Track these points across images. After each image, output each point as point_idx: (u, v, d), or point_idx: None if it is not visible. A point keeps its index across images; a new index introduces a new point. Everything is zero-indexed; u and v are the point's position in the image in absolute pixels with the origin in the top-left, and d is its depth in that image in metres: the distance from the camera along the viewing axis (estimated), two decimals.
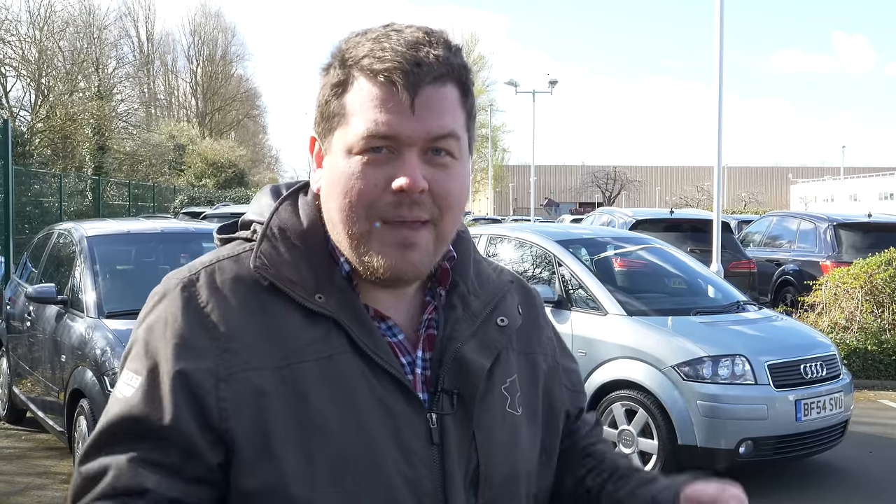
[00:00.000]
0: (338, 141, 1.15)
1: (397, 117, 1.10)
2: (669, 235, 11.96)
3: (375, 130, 1.11)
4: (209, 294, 1.13)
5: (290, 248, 1.17)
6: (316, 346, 1.12)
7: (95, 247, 6.63)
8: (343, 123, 1.14)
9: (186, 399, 1.08)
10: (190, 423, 1.07)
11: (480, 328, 1.25)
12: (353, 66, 1.13)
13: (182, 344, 1.10)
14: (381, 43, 1.12)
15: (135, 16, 59.83)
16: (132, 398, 1.10)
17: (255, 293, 1.14)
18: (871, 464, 7.09)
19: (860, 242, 13.10)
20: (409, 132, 1.11)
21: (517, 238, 7.85)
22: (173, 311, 1.12)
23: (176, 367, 1.09)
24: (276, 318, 1.13)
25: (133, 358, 1.13)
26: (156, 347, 1.11)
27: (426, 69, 1.11)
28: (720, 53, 11.98)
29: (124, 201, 28.34)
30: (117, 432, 1.09)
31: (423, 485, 1.14)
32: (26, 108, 29.56)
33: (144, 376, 1.10)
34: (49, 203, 19.67)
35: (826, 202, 78.60)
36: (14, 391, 7.53)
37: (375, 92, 1.11)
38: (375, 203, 1.12)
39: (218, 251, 1.22)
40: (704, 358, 6.15)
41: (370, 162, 1.12)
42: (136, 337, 1.15)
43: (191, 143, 46.05)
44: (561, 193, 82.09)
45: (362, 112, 1.12)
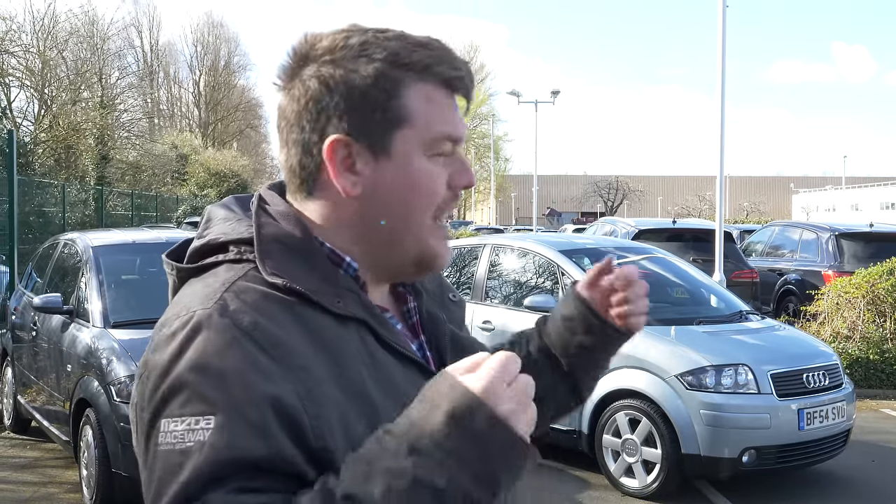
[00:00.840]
0: (403, 143, 1.15)
1: (459, 119, 1.20)
2: (672, 245, 11.99)
3: (450, 132, 1.18)
4: (249, 316, 1.06)
5: (295, 259, 1.15)
6: (357, 349, 1.12)
7: (101, 257, 6.67)
8: (409, 125, 1.15)
9: (281, 423, 1.00)
10: (290, 448, 1.00)
11: (445, 307, 1.35)
12: (414, 70, 1.15)
13: (254, 370, 1.02)
14: (434, 50, 1.18)
15: (139, 26, 60.12)
16: (214, 439, 0.98)
17: (287, 308, 1.10)
18: (873, 473, 7.10)
19: (862, 252, 13.12)
20: (463, 135, 1.21)
21: (520, 248, 7.88)
22: (223, 341, 1.03)
23: (260, 393, 1.00)
24: (316, 329, 1.10)
25: (187, 401, 1.01)
26: (221, 382, 1.01)
27: (469, 78, 1.21)
28: (722, 64, 12.03)
29: (127, 211, 28.37)
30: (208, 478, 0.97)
31: None
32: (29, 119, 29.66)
33: (221, 413, 0.99)
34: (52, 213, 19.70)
35: (828, 212, 78.58)
36: (19, 401, 7.55)
37: (444, 96, 1.18)
38: (443, 200, 1.19)
39: (212, 282, 1.13)
40: (707, 367, 6.17)
41: (438, 163, 1.18)
42: (181, 380, 1.02)
43: (193, 153, 46.15)
44: (563, 203, 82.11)
45: (435, 115, 1.16)
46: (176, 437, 1.00)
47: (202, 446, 0.98)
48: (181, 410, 1.01)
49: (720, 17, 12.00)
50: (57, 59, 29.91)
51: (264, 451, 0.99)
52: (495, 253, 8.02)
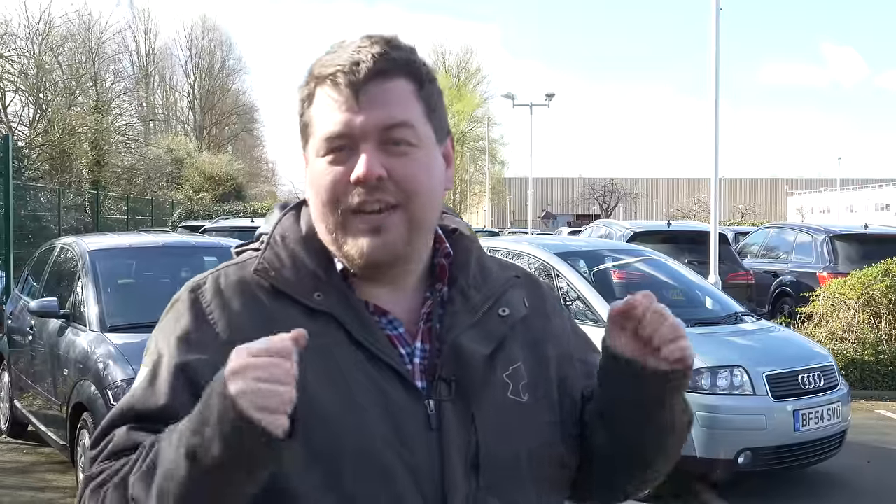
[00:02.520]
0: (310, 148, 1.27)
1: (347, 115, 1.21)
2: (667, 247, 12.00)
3: (331, 130, 1.22)
4: (212, 295, 1.25)
5: (290, 253, 1.28)
6: (313, 338, 1.12)
7: (97, 261, 6.67)
8: (312, 132, 1.26)
9: (185, 386, 1.18)
10: (186, 407, 1.10)
11: (481, 319, 1.30)
12: (311, 80, 1.26)
13: (184, 338, 1.22)
14: (332, 54, 1.24)
15: (134, 30, 60.07)
16: (136, 388, 1.23)
17: (257, 294, 1.25)
18: (868, 474, 7.12)
19: (857, 253, 13.15)
20: (359, 126, 1.20)
21: (516, 250, 7.90)
22: (181, 311, 1.26)
23: (176, 359, 1.21)
24: (275, 315, 1.21)
25: (146, 354, 1.27)
26: (163, 343, 1.24)
27: (364, 66, 1.21)
28: (716, 66, 12.06)
29: (122, 215, 28.37)
30: (122, 415, 1.22)
31: (421, 469, 1.19)
32: (24, 123, 29.60)
33: (150, 367, 1.23)
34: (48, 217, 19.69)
35: (823, 213, 78.72)
36: (16, 405, 7.54)
37: (327, 96, 1.23)
38: (342, 196, 1.21)
39: (228, 261, 1.35)
40: (703, 369, 6.18)
41: (334, 161, 1.23)
42: (151, 336, 1.29)
43: (188, 157, 46.09)
44: (558, 206, 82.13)
45: (320, 117, 1.24)
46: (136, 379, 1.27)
47: (132, 391, 1.24)
48: (143, 361, 1.27)
49: (713, 20, 12.02)
50: (52, 63, 29.87)
51: (160, 402, 1.18)
52: None
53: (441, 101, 1.30)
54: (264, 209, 31.28)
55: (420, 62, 1.26)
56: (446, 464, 1.20)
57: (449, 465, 1.20)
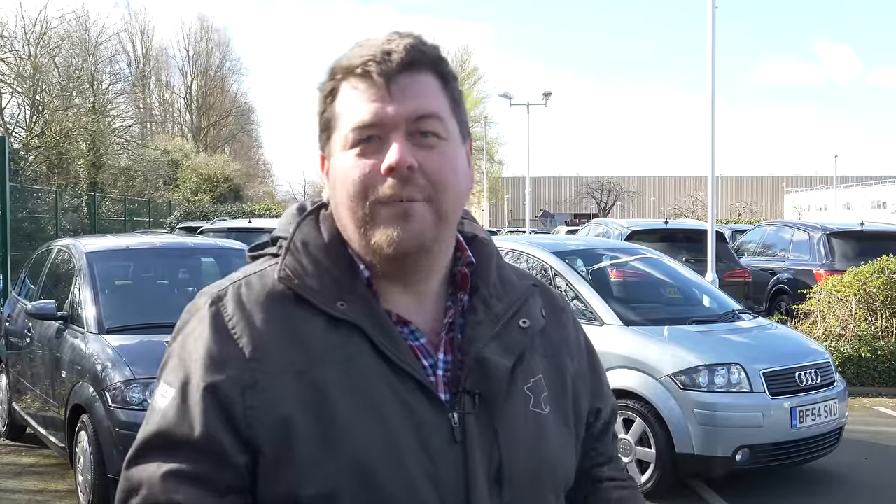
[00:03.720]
0: (334, 143, 1.24)
1: (378, 104, 1.19)
2: (664, 245, 12.03)
3: (361, 120, 1.19)
4: (234, 309, 1.21)
5: (313, 260, 1.23)
6: (337, 349, 1.18)
7: (95, 263, 6.67)
8: (336, 126, 1.23)
9: (215, 409, 1.15)
10: (219, 432, 1.14)
11: (503, 330, 1.29)
12: (337, 73, 1.23)
13: (209, 357, 1.17)
14: (359, 47, 1.23)
15: (131, 31, 59.99)
16: (167, 410, 1.17)
17: (280, 305, 1.21)
18: (866, 470, 7.14)
19: (853, 251, 13.17)
20: (390, 115, 1.19)
21: (513, 250, 7.90)
22: (202, 326, 1.20)
23: (205, 381, 1.16)
24: (299, 325, 1.19)
25: (168, 371, 1.21)
26: (187, 361, 1.19)
27: (396, 56, 1.19)
28: (712, 64, 12.08)
29: (120, 217, 28.35)
30: (152, 444, 1.17)
31: (445, 482, 1.18)
32: (21, 125, 29.55)
33: (177, 389, 1.18)
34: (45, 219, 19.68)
35: (820, 211, 78.77)
36: (14, 407, 7.54)
37: (356, 87, 1.21)
38: (372, 187, 1.19)
39: (245, 268, 1.29)
40: (700, 367, 6.20)
41: (362, 152, 1.20)
42: (171, 351, 1.23)
43: (185, 158, 46.05)
44: (556, 205, 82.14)
45: (348, 108, 1.21)
46: (158, 397, 1.20)
47: (161, 412, 1.18)
48: (164, 376, 1.22)
49: (709, 18, 12.04)
50: (48, 64, 29.83)
51: (196, 432, 1.14)
52: None
53: (462, 99, 1.29)
54: (262, 210, 31.25)
55: (446, 59, 1.26)
56: (471, 478, 1.19)
57: (473, 479, 1.19)
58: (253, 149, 76.35)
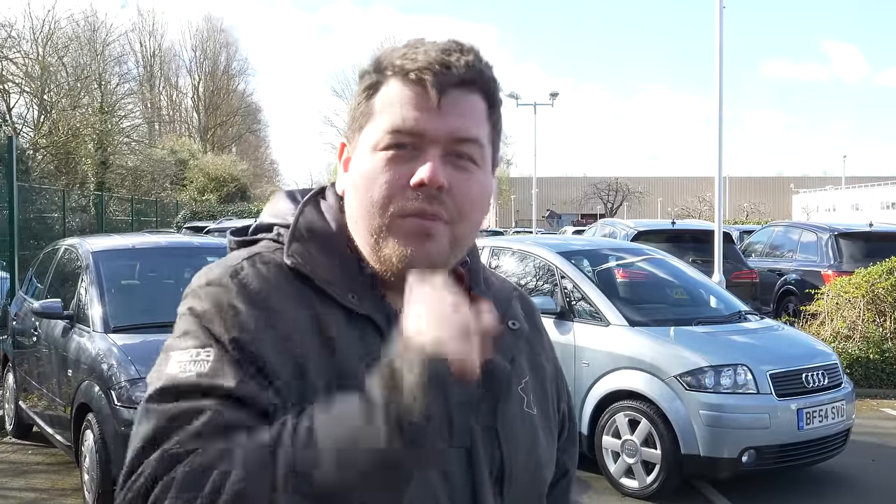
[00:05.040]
0: (364, 139, 1.18)
1: (424, 114, 1.14)
2: (671, 246, 12.00)
3: (402, 125, 1.14)
4: (259, 281, 1.15)
5: (321, 249, 1.20)
6: (358, 344, 1.15)
7: (101, 262, 6.68)
8: (370, 122, 1.18)
9: (251, 363, 1.09)
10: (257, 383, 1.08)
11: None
12: (385, 69, 1.18)
13: (244, 327, 1.11)
14: (414, 48, 1.17)
15: (140, 31, 60.14)
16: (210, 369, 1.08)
17: (298, 288, 1.17)
18: (873, 472, 7.11)
19: (862, 252, 13.13)
20: (433, 129, 1.14)
21: (519, 250, 7.90)
22: (228, 296, 1.13)
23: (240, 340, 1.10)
24: (322, 316, 1.15)
25: (192, 339, 1.11)
26: (216, 330, 1.11)
27: (455, 71, 1.15)
28: (720, 64, 12.05)
29: (127, 217, 28.41)
30: (198, 390, 1.07)
31: (455, 481, 1.18)
32: (29, 125, 29.65)
33: (216, 351, 1.09)
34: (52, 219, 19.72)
35: (828, 212, 78.56)
36: (21, 406, 7.57)
37: (405, 90, 1.15)
38: (396, 198, 1.14)
39: (249, 249, 1.23)
40: (706, 368, 6.18)
41: (394, 158, 1.15)
42: (189, 325, 1.13)
43: (192, 158, 46.16)
44: (563, 205, 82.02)
45: (390, 109, 1.16)
46: (184, 364, 1.09)
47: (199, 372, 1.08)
48: (189, 344, 1.11)
49: (717, 17, 12.01)
50: (57, 64, 29.93)
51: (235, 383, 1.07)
52: (494, 255, 8.03)
53: (502, 128, 1.25)
54: None
55: (498, 82, 1.22)
56: (477, 478, 1.19)
57: (480, 478, 1.19)
58: (260, 148, 76.50)
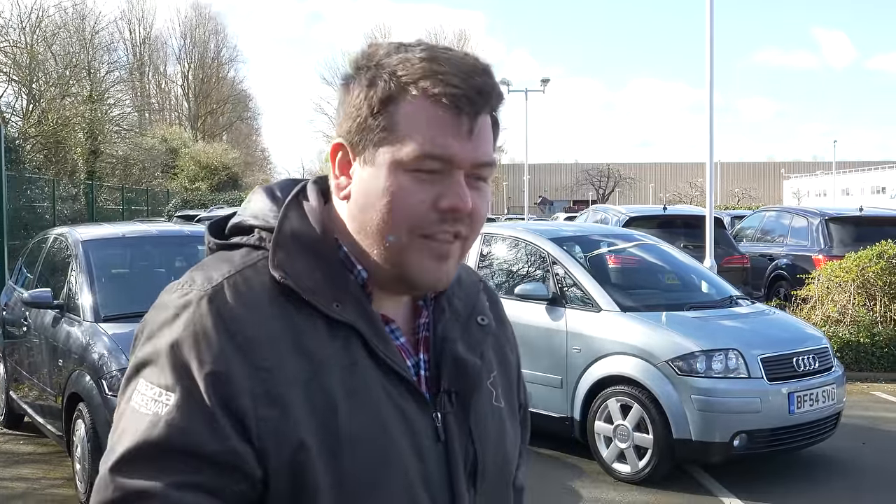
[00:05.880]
0: (384, 155, 1.15)
1: (456, 141, 1.14)
2: (663, 232, 12.03)
3: (433, 151, 1.13)
4: (237, 307, 1.12)
5: (307, 257, 1.18)
6: (340, 354, 1.14)
7: (91, 251, 6.65)
8: (393, 139, 1.14)
9: (229, 418, 1.06)
10: (235, 442, 1.06)
11: (465, 328, 1.30)
12: (409, 84, 1.14)
13: (218, 361, 1.08)
14: (439, 65, 1.14)
15: (128, 19, 59.80)
16: (170, 417, 1.06)
17: (280, 304, 1.14)
18: (864, 455, 7.15)
19: (852, 236, 13.17)
20: (463, 156, 1.15)
21: (511, 237, 7.89)
22: (203, 325, 1.09)
23: (215, 388, 1.07)
24: (302, 329, 1.14)
25: (160, 372, 1.09)
26: (188, 364, 1.08)
27: (485, 98, 1.15)
28: (710, 51, 12.04)
29: (117, 206, 28.30)
30: (156, 452, 1.05)
31: (434, 480, 1.20)
32: (17, 114, 29.46)
33: (179, 394, 1.07)
34: (42, 208, 19.65)
35: (819, 197, 78.77)
36: (12, 396, 7.54)
37: (438, 114, 1.13)
38: (422, 219, 1.15)
39: (231, 259, 1.19)
40: (698, 352, 6.19)
41: (421, 180, 1.14)
42: (159, 349, 1.10)
43: (183, 147, 45.98)
44: (555, 191, 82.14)
45: (420, 131, 1.13)
46: (145, 400, 1.08)
47: (160, 418, 1.06)
48: (151, 377, 1.09)
49: (708, 6, 11.99)
50: (45, 53, 29.72)
51: (210, 441, 1.05)
52: (486, 242, 8.02)
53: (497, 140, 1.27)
54: None
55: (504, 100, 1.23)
56: (453, 475, 1.21)
57: (456, 476, 1.21)
58: (251, 137, 76.30)
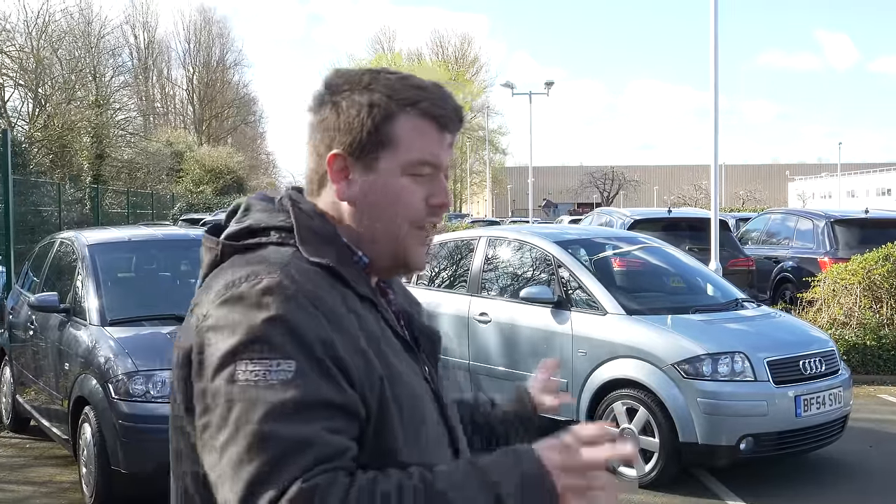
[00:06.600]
0: (387, 162, 1.41)
1: (442, 150, 1.45)
2: (668, 234, 11.98)
3: (429, 159, 1.43)
4: (308, 285, 1.32)
5: (326, 246, 1.40)
6: (374, 321, 1.40)
7: (97, 255, 6.66)
8: (393, 148, 1.41)
9: (341, 373, 1.27)
10: (350, 392, 1.27)
11: (411, 303, 1.61)
12: (406, 105, 1.41)
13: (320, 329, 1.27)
14: (429, 92, 1.43)
15: (133, 23, 59.92)
16: (300, 378, 1.23)
17: (327, 281, 1.36)
18: (871, 458, 7.13)
19: (858, 238, 13.12)
20: (445, 163, 1.47)
21: (516, 240, 7.89)
22: (295, 301, 1.28)
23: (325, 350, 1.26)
24: (344, 297, 1.37)
25: (269, 348, 1.23)
26: (296, 334, 1.25)
27: (461, 119, 1.48)
28: (715, 53, 12.03)
29: (123, 209, 28.34)
30: (298, 407, 1.22)
31: (436, 416, 1.47)
32: (24, 118, 29.53)
33: (298, 360, 1.24)
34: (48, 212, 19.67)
35: (824, 199, 78.62)
36: (18, 400, 7.55)
37: (430, 128, 1.43)
38: (419, 213, 1.44)
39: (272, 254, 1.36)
40: (704, 356, 6.18)
41: (419, 181, 1.44)
42: (258, 330, 1.24)
43: (188, 150, 46.06)
44: (559, 194, 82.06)
45: (417, 142, 1.42)
46: (262, 373, 1.22)
47: (289, 382, 1.22)
48: (265, 354, 1.23)
49: (712, 6, 11.98)
50: (51, 57, 29.80)
51: (338, 396, 1.25)
52: (491, 245, 8.03)
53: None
54: None
55: None
56: (444, 411, 1.50)
57: (445, 412, 1.50)
58: (255, 140, 76.40)
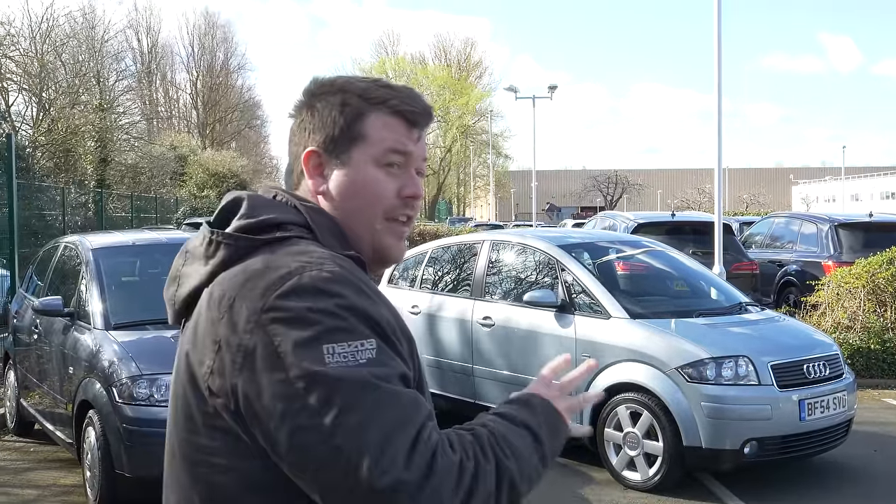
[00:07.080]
0: (359, 155, 1.49)
1: (412, 143, 1.52)
2: (671, 238, 11.98)
3: (397, 147, 1.49)
4: (355, 271, 1.39)
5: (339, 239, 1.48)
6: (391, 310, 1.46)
7: (101, 259, 6.68)
8: (364, 142, 1.49)
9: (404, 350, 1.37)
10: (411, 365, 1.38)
11: None
12: (378, 102, 1.50)
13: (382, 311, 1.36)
14: (399, 91, 1.52)
15: (137, 27, 60.01)
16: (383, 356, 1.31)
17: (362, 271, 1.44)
18: (875, 462, 7.11)
19: (862, 242, 13.12)
20: (416, 153, 1.53)
21: (520, 243, 7.89)
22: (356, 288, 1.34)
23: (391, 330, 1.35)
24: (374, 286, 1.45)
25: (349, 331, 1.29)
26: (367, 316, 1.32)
27: (430, 116, 1.56)
28: (718, 57, 12.04)
29: (127, 213, 28.36)
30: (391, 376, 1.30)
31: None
32: (28, 122, 29.57)
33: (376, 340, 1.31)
34: (52, 216, 19.70)
35: (828, 202, 78.54)
36: (22, 404, 7.57)
37: (399, 123, 1.51)
38: (391, 204, 1.50)
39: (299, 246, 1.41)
40: (707, 360, 6.18)
41: (389, 174, 1.50)
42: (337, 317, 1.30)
43: (192, 154, 46.08)
44: (563, 198, 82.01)
45: (388, 134, 1.49)
46: (350, 354, 1.27)
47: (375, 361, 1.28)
48: (347, 338, 1.28)
49: (716, 8, 11.99)
50: (55, 62, 29.85)
51: (408, 371, 1.34)
52: (494, 249, 8.03)
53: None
54: None
55: None
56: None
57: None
58: (259, 144, 76.43)
